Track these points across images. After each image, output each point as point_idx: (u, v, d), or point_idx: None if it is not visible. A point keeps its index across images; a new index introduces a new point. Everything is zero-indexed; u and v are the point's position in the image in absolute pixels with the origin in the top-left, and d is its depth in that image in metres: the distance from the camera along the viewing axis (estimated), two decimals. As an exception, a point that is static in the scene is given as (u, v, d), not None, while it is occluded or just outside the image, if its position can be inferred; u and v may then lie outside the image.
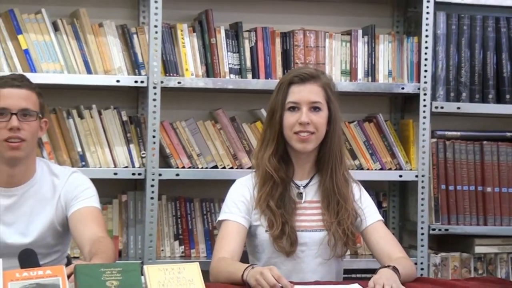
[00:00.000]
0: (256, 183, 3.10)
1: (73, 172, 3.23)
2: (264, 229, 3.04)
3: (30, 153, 3.10)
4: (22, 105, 3.00)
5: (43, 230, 3.11)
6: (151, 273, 2.35)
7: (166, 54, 4.00)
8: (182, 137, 4.07)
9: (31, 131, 3.03)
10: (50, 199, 3.14)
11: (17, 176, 3.09)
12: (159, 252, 4.05)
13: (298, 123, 2.98)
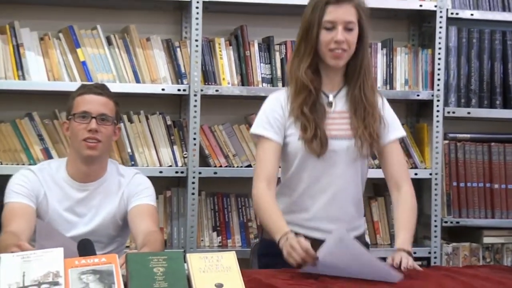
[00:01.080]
0: (289, 95, 3.06)
1: (136, 173, 3.31)
2: (297, 137, 3.00)
3: (104, 154, 3.21)
4: (101, 110, 3.11)
5: (106, 222, 3.20)
6: (192, 260, 2.34)
7: (206, 65, 4.01)
8: (219, 139, 4.09)
9: (107, 134, 3.13)
10: (115, 195, 3.22)
11: (91, 174, 3.18)
12: (199, 242, 4.06)
13: (333, 41, 2.95)
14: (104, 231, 3.21)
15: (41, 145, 3.91)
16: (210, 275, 2.30)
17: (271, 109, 3.07)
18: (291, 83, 3.06)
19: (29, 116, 3.94)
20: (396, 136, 3.13)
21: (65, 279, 2.21)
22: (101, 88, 3.22)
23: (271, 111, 3.06)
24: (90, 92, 3.17)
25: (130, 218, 3.20)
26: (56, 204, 3.15)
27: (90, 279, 2.22)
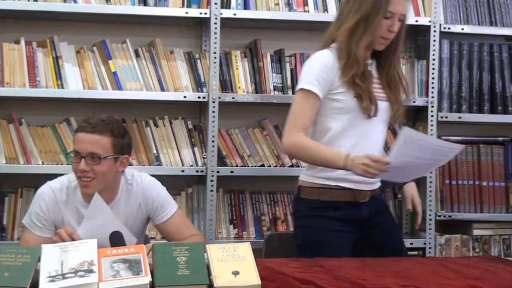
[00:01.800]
0: (338, 58, 3.01)
1: (147, 185, 3.15)
2: (351, 95, 2.98)
3: (106, 186, 2.99)
4: (89, 149, 2.89)
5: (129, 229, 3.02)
6: (211, 250, 2.33)
7: (223, 75, 4.01)
8: (235, 141, 4.09)
9: (100, 171, 2.91)
10: (132, 210, 3.10)
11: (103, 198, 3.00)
12: (217, 234, 4.06)
13: (387, 30, 2.96)
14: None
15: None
16: (227, 263, 2.30)
17: (319, 68, 3.00)
18: (344, 56, 3.00)
19: (67, 121, 3.97)
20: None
21: (99, 267, 2.22)
22: (96, 125, 2.96)
23: (320, 71, 3.00)
24: (82, 130, 2.96)
25: (165, 232, 3.15)
26: (74, 224, 3.00)
27: (120, 267, 2.23)
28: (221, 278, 2.25)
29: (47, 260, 2.24)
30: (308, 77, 3.01)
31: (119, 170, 3.00)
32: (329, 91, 3.01)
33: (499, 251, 4.24)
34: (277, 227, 4.15)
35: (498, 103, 4.24)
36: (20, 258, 2.24)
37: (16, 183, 3.97)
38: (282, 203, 4.20)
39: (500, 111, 4.24)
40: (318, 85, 2.98)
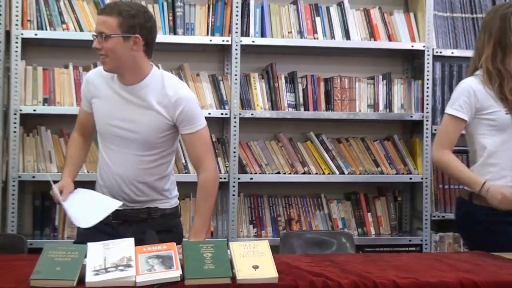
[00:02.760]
0: (488, 81, 3.01)
1: (184, 94, 2.82)
2: (504, 112, 2.99)
3: (123, 65, 2.76)
4: (99, 29, 2.73)
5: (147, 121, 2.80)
6: (234, 247, 2.33)
7: (243, 94, 4.02)
8: (254, 152, 4.09)
9: (109, 48, 2.70)
10: (159, 104, 2.79)
11: (126, 79, 2.80)
12: (239, 233, 4.05)
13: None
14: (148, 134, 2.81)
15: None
16: (248, 259, 2.30)
17: (463, 95, 3.03)
18: (494, 77, 3.01)
19: (106, 135, 3.98)
20: None
21: (136, 262, 2.23)
22: (106, 7, 2.79)
23: (464, 97, 3.03)
24: (98, 13, 2.83)
25: (186, 142, 2.89)
26: (104, 100, 2.86)
27: (154, 262, 2.24)
28: (242, 271, 2.25)
29: (92, 256, 2.25)
30: (454, 103, 3.07)
31: (133, 49, 2.74)
32: (478, 112, 3.04)
33: (487, 247, 4.21)
34: (292, 226, 4.16)
35: (484, 117, 4.22)
36: (69, 254, 2.26)
37: (64, 190, 3.99)
38: (296, 205, 4.20)
39: (486, 124, 4.21)
40: (462, 109, 3.03)
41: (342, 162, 4.15)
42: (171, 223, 2.95)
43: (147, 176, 2.85)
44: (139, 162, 2.84)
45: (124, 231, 2.82)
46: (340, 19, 4.15)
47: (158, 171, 2.88)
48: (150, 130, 2.80)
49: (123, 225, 2.87)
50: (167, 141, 2.87)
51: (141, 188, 2.86)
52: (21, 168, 3.80)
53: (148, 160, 2.84)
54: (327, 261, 2.62)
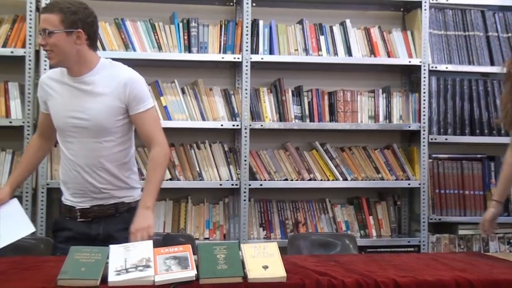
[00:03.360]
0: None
1: (132, 78, 2.80)
2: None
3: (68, 59, 2.73)
4: (42, 26, 2.71)
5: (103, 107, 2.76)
6: (245, 249, 2.34)
7: (253, 107, 4.02)
8: (263, 160, 4.08)
9: (53, 43, 2.69)
10: (111, 89, 2.76)
11: (74, 71, 2.77)
12: (249, 235, 4.04)
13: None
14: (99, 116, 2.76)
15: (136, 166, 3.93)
16: (258, 259, 2.30)
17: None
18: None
19: (127, 146, 3.99)
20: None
21: (154, 263, 2.24)
22: (48, 6, 2.77)
23: None
24: (41, 12, 2.78)
25: (137, 123, 2.81)
26: (58, 97, 2.83)
27: (171, 262, 2.25)
28: (253, 271, 2.25)
29: (114, 258, 2.26)
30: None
31: (77, 43, 2.72)
32: None
33: (479, 247, 4.19)
34: (299, 229, 4.14)
35: (476, 127, 4.21)
36: (93, 256, 2.26)
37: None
38: (303, 209, 4.19)
39: (478, 133, 4.21)
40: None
41: (345, 169, 4.14)
42: None
43: (107, 162, 2.80)
44: (98, 149, 2.78)
45: (96, 228, 2.82)
46: (343, 37, 4.15)
47: (117, 157, 2.82)
48: (103, 116, 2.75)
49: (93, 223, 2.83)
50: (122, 126, 2.81)
51: (103, 176, 2.80)
52: (49, 176, 3.81)
53: (106, 146, 2.79)
54: (332, 261, 2.62)
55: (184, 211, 4.05)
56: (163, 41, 3.94)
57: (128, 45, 3.90)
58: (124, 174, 2.86)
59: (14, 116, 3.79)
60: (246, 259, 2.30)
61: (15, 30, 3.81)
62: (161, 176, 2.82)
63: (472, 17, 4.28)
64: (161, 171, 2.81)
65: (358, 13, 4.36)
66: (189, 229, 4.02)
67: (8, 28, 3.81)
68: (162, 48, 3.94)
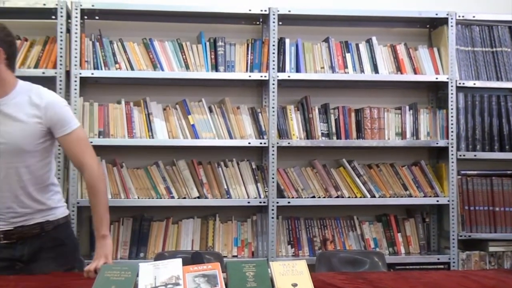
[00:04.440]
0: None
1: (49, 100, 2.72)
2: None
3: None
4: None
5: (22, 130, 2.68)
6: (274, 266, 2.33)
7: (280, 125, 4.02)
8: (291, 178, 4.08)
9: None
10: (29, 115, 2.68)
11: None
12: (278, 253, 4.03)
13: None
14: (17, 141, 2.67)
15: (164, 184, 3.97)
16: (287, 277, 2.29)
17: None
18: None
19: (156, 164, 4.02)
20: None
21: (184, 281, 2.24)
22: None
23: None
24: None
25: (64, 145, 2.75)
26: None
27: (201, 280, 2.25)
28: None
29: (144, 276, 2.26)
30: None
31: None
32: None
33: (510, 264, 4.13)
34: (327, 246, 4.12)
35: (506, 143, 4.17)
36: (123, 274, 2.27)
37: (118, 214, 4.03)
38: (330, 227, 4.17)
39: (507, 149, 4.16)
40: None
41: (373, 186, 4.12)
42: (63, 234, 2.81)
43: (29, 185, 2.71)
44: (19, 173, 2.69)
45: (21, 249, 2.72)
46: (369, 54, 4.15)
47: (38, 180, 2.74)
48: (22, 139, 2.66)
49: (17, 244, 2.73)
50: (45, 148, 2.74)
51: (24, 200, 2.71)
52: (79, 195, 3.84)
53: (27, 169, 2.70)
54: (360, 279, 2.59)
55: (212, 228, 4.05)
56: (191, 61, 3.97)
57: (156, 65, 3.93)
58: (45, 196, 2.77)
59: (45, 136, 3.83)
60: (275, 277, 2.29)
61: (46, 52, 3.87)
62: (103, 199, 2.74)
63: (499, 33, 4.25)
64: (100, 195, 2.74)
65: (384, 30, 4.36)
66: (217, 247, 4.02)
67: (39, 49, 3.88)
68: (190, 67, 3.97)
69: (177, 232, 4.03)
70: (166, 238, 4.01)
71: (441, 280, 2.60)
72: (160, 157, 4.06)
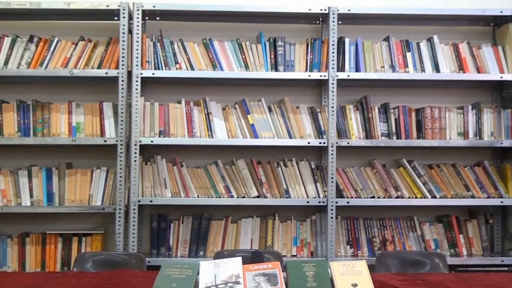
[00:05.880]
0: None
1: None
2: None
3: None
4: None
5: None
6: (334, 266, 2.35)
7: (339, 125, 4.01)
8: (350, 177, 4.07)
9: None
10: None
11: None
12: (337, 253, 4.02)
13: None
14: None
15: (223, 183, 4.00)
16: (347, 277, 2.30)
17: None
18: None
19: (215, 163, 4.05)
20: None
21: (244, 280, 2.26)
22: None
23: None
24: None
25: None
26: None
27: (261, 279, 2.27)
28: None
29: (204, 274, 2.30)
30: None
31: None
32: None
33: None
34: (386, 247, 4.09)
35: None
36: (184, 271, 2.31)
37: (179, 212, 4.09)
38: (390, 227, 4.14)
39: None
40: None
41: (434, 186, 4.07)
42: None
43: None
44: None
45: None
46: (430, 53, 4.09)
47: None
48: None
49: None
50: None
51: None
52: (140, 193, 3.92)
53: None
54: (420, 280, 2.57)
55: (271, 228, 4.07)
56: (250, 60, 4.00)
57: (215, 65, 3.98)
58: None
59: (108, 135, 3.93)
60: (335, 277, 2.29)
61: (109, 52, 3.96)
62: None
63: None
64: None
65: (446, 28, 4.29)
66: (276, 246, 4.04)
67: (102, 50, 3.97)
68: (249, 67, 3.99)
69: (236, 231, 4.07)
70: (225, 237, 4.05)
71: (503, 282, 2.56)
72: (219, 157, 4.11)
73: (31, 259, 3.94)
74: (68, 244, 3.94)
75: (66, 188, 3.94)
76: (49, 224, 4.10)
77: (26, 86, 4.17)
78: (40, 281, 2.61)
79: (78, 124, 3.95)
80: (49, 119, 3.94)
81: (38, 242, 3.95)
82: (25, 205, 3.92)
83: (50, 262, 3.92)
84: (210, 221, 4.06)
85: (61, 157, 4.13)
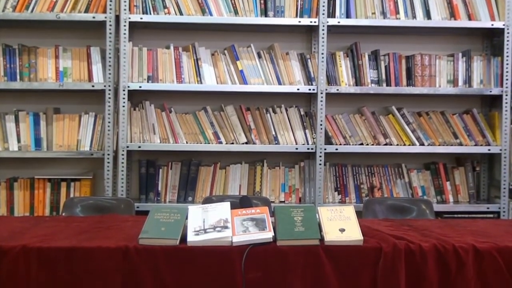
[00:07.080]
0: None
1: None
2: None
3: None
4: None
5: None
6: (322, 212, 2.36)
7: (329, 71, 3.99)
8: (339, 124, 4.06)
9: None
10: None
11: None
12: (325, 199, 4.05)
13: None
14: None
15: (212, 130, 3.99)
16: (335, 222, 2.31)
17: None
18: None
19: (204, 109, 4.04)
20: None
21: (232, 224, 2.28)
22: None
23: None
24: None
25: None
26: None
27: (249, 224, 2.28)
28: (330, 234, 2.26)
29: (193, 218, 2.31)
30: None
31: None
32: None
33: None
34: (374, 194, 4.12)
35: None
36: (172, 216, 2.32)
37: (167, 158, 4.09)
38: (378, 174, 4.16)
39: None
40: None
41: (422, 134, 4.07)
42: None
43: None
44: None
45: None
46: (421, 0, 4.05)
47: None
48: None
49: None
50: None
51: None
52: (129, 138, 3.90)
53: None
54: (406, 226, 2.60)
55: (260, 174, 4.08)
56: (240, 5, 3.94)
57: (204, 10, 3.92)
58: None
59: (96, 80, 3.89)
60: (323, 222, 2.30)
61: (96, -4, 3.89)
62: None
63: (560, -24, 4.08)
64: None
65: (438, -26, 4.23)
66: (265, 192, 4.06)
67: (89, -6, 3.90)
68: (239, 12, 3.94)
69: (224, 177, 4.08)
70: (214, 183, 4.06)
71: (488, 228, 2.59)
72: (208, 103, 4.09)
73: (19, 204, 3.94)
74: (57, 189, 3.94)
75: (54, 133, 3.92)
76: (37, 169, 4.09)
77: (12, 30, 4.10)
78: (29, 224, 2.62)
79: (66, 69, 3.90)
80: (35, 64, 3.89)
81: (26, 187, 3.94)
82: (12, 150, 3.90)
83: (38, 207, 3.93)
84: (199, 167, 4.06)
85: (49, 102, 4.10)
